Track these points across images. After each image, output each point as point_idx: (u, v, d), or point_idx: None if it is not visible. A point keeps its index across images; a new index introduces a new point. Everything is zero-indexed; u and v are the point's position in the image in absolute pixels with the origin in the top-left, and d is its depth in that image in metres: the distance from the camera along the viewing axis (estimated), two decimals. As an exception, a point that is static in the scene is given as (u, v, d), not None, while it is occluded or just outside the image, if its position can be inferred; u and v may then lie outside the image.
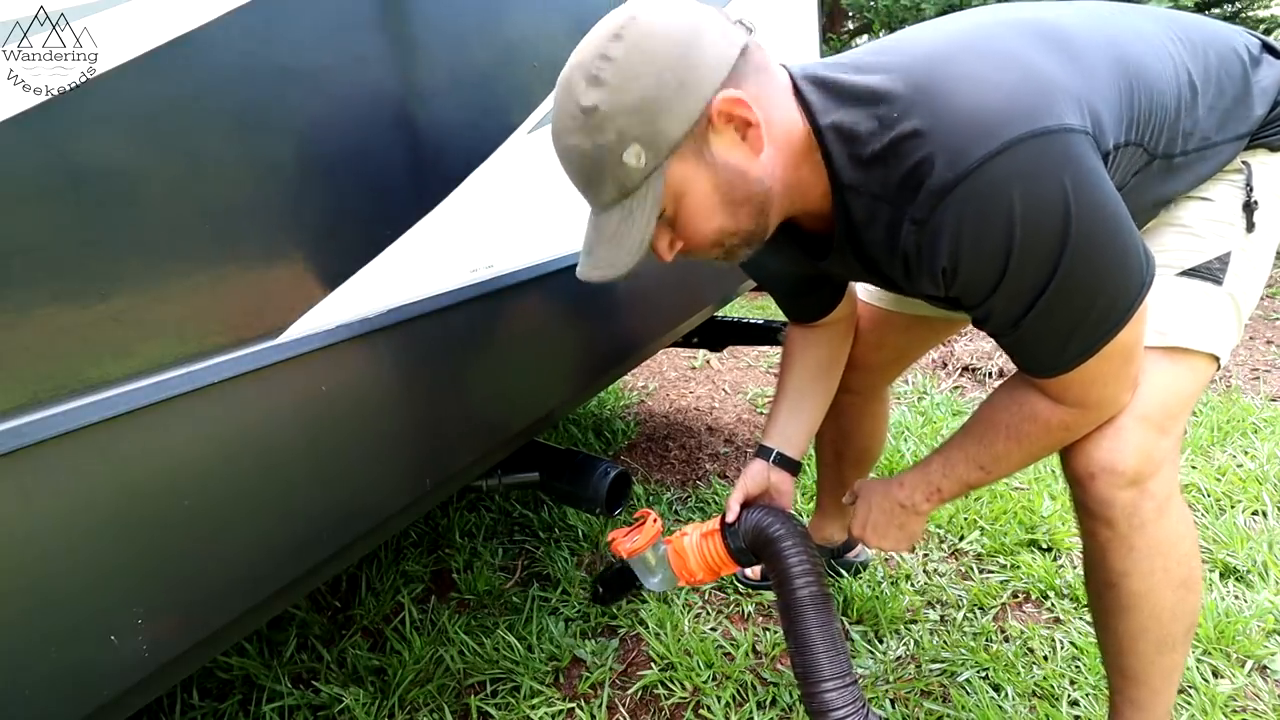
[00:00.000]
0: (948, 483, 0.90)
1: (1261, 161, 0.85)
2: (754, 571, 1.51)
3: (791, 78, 0.76)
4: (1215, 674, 1.21)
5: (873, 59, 0.75)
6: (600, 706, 1.24)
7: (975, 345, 2.79)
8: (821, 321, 1.12)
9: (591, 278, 0.76)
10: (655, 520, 1.06)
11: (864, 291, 1.21)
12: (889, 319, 1.19)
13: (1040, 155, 0.64)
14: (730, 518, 1.04)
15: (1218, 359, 0.85)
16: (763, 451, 1.11)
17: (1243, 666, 1.23)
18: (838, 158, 0.74)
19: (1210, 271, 0.85)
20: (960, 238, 0.67)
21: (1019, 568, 1.51)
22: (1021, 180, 0.64)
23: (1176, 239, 0.87)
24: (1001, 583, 1.48)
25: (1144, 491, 0.82)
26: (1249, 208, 0.84)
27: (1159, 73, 0.77)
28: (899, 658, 1.31)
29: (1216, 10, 4.33)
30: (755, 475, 1.08)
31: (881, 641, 1.34)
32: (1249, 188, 0.84)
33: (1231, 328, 0.86)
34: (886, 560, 1.58)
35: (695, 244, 0.78)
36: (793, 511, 1.06)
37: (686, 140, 0.69)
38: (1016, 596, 1.45)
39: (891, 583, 1.50)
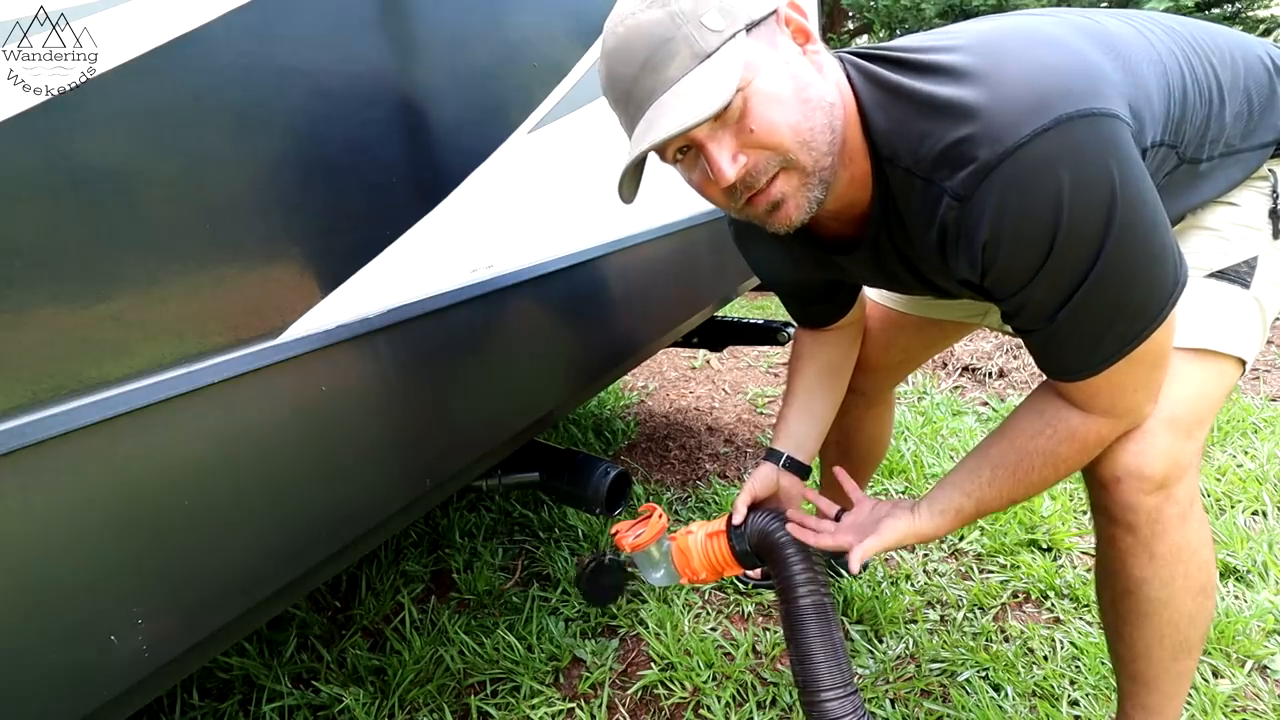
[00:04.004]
0: (978, 516, 0.89)
1: None
2: (755, 570, 1.51)
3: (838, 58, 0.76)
4: (1215, 674, 1.21)
5: (920, 41, 0.75)
6: (600, 706, 1.24)
7: (975, 345, 2.79)
8: (831, 326, 1.12)
9: (673, 129, 0.65)
10: (660, 516, 1.05)
11: (875, 292, 1.21)
12: (899, 320, 1.19)
13: (1090, 135, 0.63)
14: (737, 520, 1.03)
15: (1244, 363, 0.85)
16: (772, 455, 1.10)
17: (1243, 666, 1.23)
18: (879, 127, 0.72)
19: (1238, 274, 0.85)
20: (1004, 215, 0.66)
21: (1019, 568, 1.51)
22: (1071, 158, 0.63)
23: (1204, 241, 0.86)
24: (1001, 583, 1.48)
25: (1169, 497, 0.80)
26: (1275, 214, 0.84)
27: (1191, 78, 0.78)
28: (899, 657, 1.31)
29: (1216, 10, 4.33)
30: (764, 478, 1.07)
31: (881, 641, 1.34)
32: (1275, 195, 0.84)
33: (1257, 332, 0.86)
34: (886, 560, 1.58)
35: (768, 140, 0.68)
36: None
37: (761, 25, 0.68)
38: (1016, 596, 1.45)
39: (891, 583, 1.50)
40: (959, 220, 0.69)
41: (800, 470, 1.10)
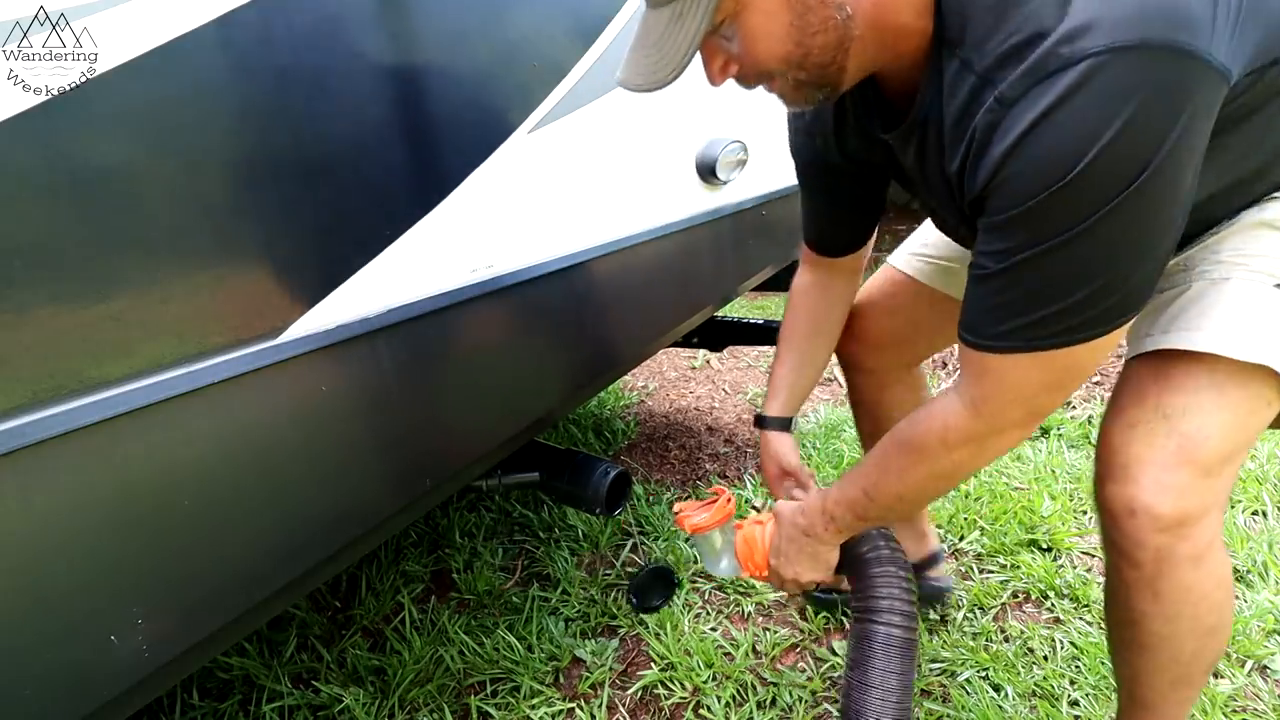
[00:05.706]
0: (839, 509, 0.84)
1: None
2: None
3: None
4: (1215, 674, 1.21)
5: None
6: (600, 706, 1.24)
7: (975, 345, 2.78)
8: (835, 262, 1.07)
9: (628, 86, 0.69)
10: (729, 500, 0.99)
11: (893, 257, 1.16)
12: (907, 285, 1.13)
13: (1173, 75, 0.54)
14: (783, 497, 0.96)
15: None
16: (781, 423, 1.07)
17: (1243, 666, 1.23)
18: (951, 7, 0.64)
19: None
20: (1038, 125, 0.56)
21: (1019, 568, 1.51)
22: (1143, 93, 0.53)
23: (1277, 243, 0.74)
24: (1001, 583, 1.48)
25: (1182, 536, 0.74)
26: None
27: None
28: (899, 658, 1.31)
29: None
30: (787, 451, 1.03)
31: (881, 641, 1.34)
32: None
33: None
34: (886, 560, 1.58)
35: (753, 69, 0.68)
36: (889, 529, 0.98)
37: None
38: (1016, 596, 1.45)
39: (891, 583, 1.50)
40: (991, 124, 0.60)
41: (789, 426, 1.08)
